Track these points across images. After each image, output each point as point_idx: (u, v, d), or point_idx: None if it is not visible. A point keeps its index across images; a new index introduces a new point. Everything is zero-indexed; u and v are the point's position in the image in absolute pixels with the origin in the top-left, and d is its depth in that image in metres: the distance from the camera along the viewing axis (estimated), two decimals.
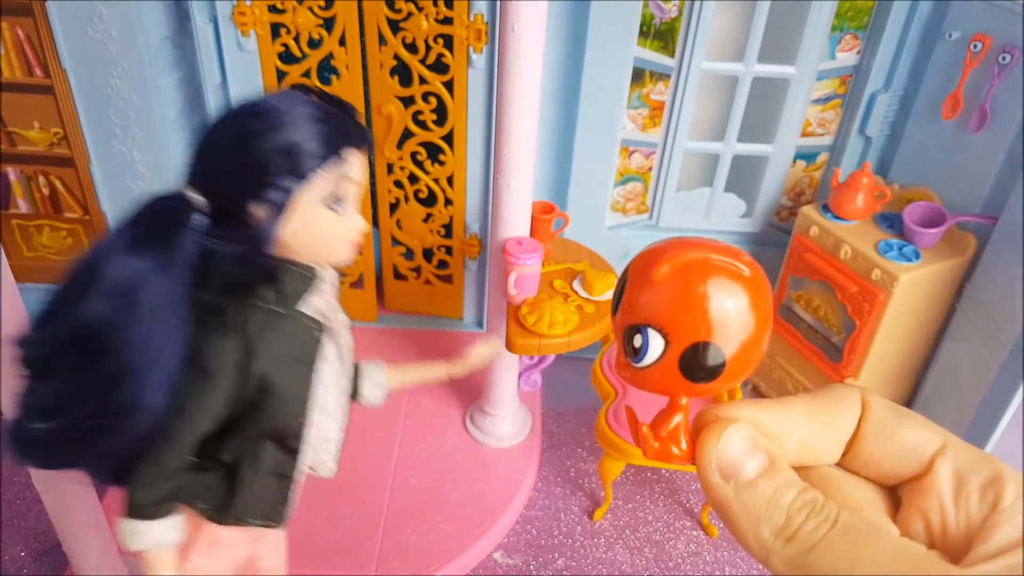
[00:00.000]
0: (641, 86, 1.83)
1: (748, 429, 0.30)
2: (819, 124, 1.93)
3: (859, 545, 0.26)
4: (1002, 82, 1.58)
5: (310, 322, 0.84)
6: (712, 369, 0.31)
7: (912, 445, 0.30)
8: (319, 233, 0.77)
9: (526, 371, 1.99)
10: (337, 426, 0.95)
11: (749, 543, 0.29)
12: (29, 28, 1.71)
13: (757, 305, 0.30)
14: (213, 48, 1.73)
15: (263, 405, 0.82)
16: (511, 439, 1.85)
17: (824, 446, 0.31)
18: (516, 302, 1.53)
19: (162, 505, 0.83)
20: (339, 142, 0.73)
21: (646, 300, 0.31)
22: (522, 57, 1.31)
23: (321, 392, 0.91)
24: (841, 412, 0.31)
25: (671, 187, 1.99)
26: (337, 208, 0.77)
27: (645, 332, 0.31)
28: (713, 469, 0.30)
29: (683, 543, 1.72)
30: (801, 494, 0.28)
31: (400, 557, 1.57)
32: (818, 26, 1.74)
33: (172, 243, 0.72)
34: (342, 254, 0.81)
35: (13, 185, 1.97)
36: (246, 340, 0.79)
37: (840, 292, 1.76)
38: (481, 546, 1.64)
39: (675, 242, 0.32)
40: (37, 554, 1.61)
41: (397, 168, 1.94)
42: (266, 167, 0.71)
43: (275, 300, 0.80)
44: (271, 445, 0.87)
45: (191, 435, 0.81)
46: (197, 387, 0.78)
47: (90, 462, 0.82)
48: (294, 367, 0.83)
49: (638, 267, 0.32)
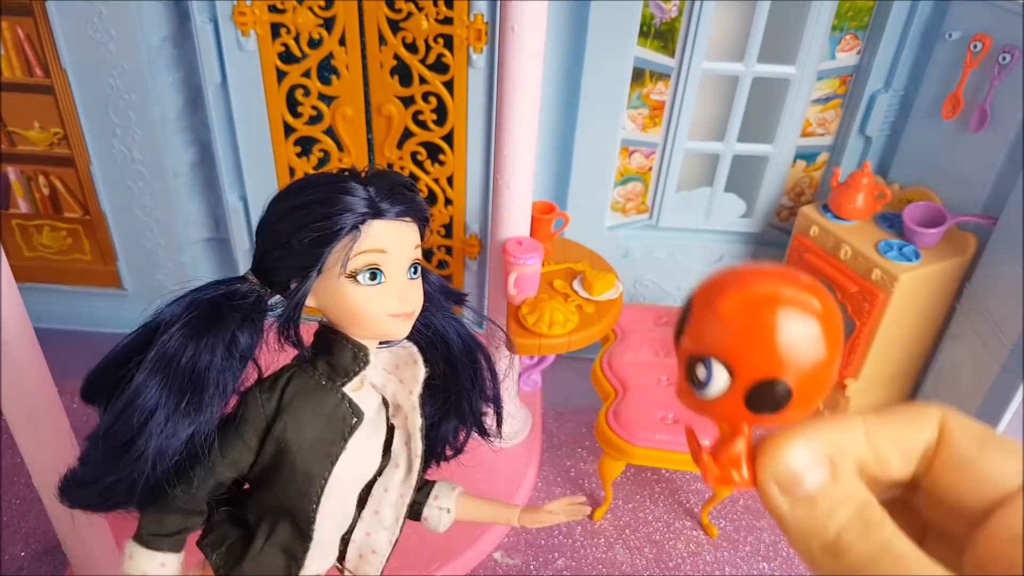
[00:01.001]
0: (641, 86, 1.83)
1: (816, 442, 0.29)
2: (819, 124, 1.93)
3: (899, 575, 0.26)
4: (1002, 82, 1.58)
5: (349, 405, 0.81)
6: (779, 403, 0.30)
7: (996, 476, 0.28)
8: (348, 307, 0.76)
9: (526, 371, 1.99)
10: (388, 539, 0.91)
11: (800, 553, 0.29)
12: (29, 28, 1.71)
13: (827, 338, 0.30)
14: (213, 48, 1.73)
15: (278, 473, 0.80)
16: (511, 439, 1.85)
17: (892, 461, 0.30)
18: (516, 302, 1.53)
19: (161, 538, 0.81)
20: (348, 220, 0.73)
21: (712, 332, 0.30)
22: (522, 57, 1.31)
23: (380, 495, 0.88)
24: (915, 428, 0.30)
25: (671, 187, 1.99)
26: (365, 281, 0.75)
27: (709, 364, 0.31)
28: (771, 482, 0.30)
29: (683, 543, 1.72)
30: (857, 512, 0.28)
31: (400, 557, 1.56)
32: (818, 26, 1.74)
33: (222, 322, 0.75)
34: (385, 327, 0.78)
35: (13, 185, 1.97)
36: (280, 400, 0.79)
37: (840, 292, 1.76)
38: (481, 546, 1.64)
39: (744, 272, 0.31)
40: (37, 554, 1.61)
41: (397, 168, 1.94)
42: (279, 250, 0.76)
43: (324, 373, 0.80)
44: (287, 519, 0.84)
45: (206, 478, 0.79)
46: (224, 433, 0.78)
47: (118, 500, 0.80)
48: (315, 444, 0.79)
49: (705, 296, 0.31)
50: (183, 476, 0.76)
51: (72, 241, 2.06)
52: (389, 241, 0.75)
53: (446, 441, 0.96)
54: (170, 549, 0.82)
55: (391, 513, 0.89)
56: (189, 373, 0.73)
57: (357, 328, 0.78)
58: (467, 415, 0.94)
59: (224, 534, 0.88)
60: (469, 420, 0.95)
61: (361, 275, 0.75)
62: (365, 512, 0.89)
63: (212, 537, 0.89)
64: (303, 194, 0.75)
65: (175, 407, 0.72)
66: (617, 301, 1.59)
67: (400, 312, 0.77)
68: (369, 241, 0.74)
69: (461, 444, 0.98)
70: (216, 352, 0.74)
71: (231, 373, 0.75)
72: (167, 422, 0.72)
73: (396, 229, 0.76)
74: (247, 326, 0.76)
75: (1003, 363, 1.55)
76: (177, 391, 0.72)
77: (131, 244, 2.04)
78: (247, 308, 0.76)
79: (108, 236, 2.03)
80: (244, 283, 0.77)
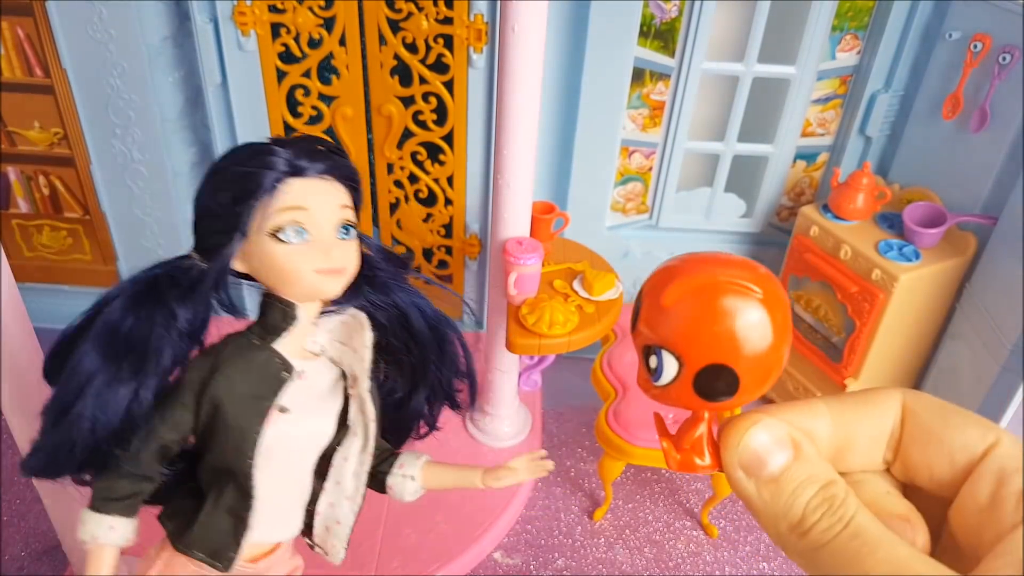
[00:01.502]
0: (641, 86, 1.83)
1: (777, 425, 0.30)
2: (819, 124, 1.93)
3: (863, 552, 0.26)
4: (1002, 82, 1.58)
5: (279, 360, 0.83)
6: (727, 389, 0.31)
7: (961, 445, 0.29)
8: (275, 266, 0.78)
9: (526, 371, 1.99)
10: (352, 509, 0.91)
11: (770, 535, 0.29)
12: (29, 28, 1.71)
13: (770, 321, 0.30)
14: (213, 48, 1.73)
15: (215, 433, 0.82)
16: (511, 439, 1.85)
17: (858, 447, 0.31)
18: (516, 302, 1.53)
19: (110, 501, 0.83)
20: (265, 177, 0.75)
21: (658, 322, 0.31)
22: (522, 57, 1.31)
23: (339, 464, 0.89)
24: (876, 411, 0.31)
25: (671, 187, 1.99)
26: (287, 239, 0.76)
27: (660, 353, 0.31)
28: (736, 466, 0.30)
29: (683, 543, 1.72)
30: (821, 491, 0.28)
31: (400, 557, 1.57)
32: (818, 26, 1.74)
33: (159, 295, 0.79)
34: (313, 285, 0.79)
35: (13, 185, 1.97)
36: (215, 362, 0.82)
37: (840, 292, 1.76)
38: (481, 546, 1.64)
39: (686, 261, 0.32)
40: (37, 554, 1.61)
41: (397, 168, 1.94)
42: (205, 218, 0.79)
43: (256, 333, 0.83)
44: (231, 482, 0.85)
45: (149, 440, 0.81)
46: (165, 397, 0.81)
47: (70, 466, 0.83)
48: (248, 400, 0.81)
49: (651, 287, 0.32)
50: (123, 440, 0.79)
51: (72, 241, 2.06)
52: (309, 198, 0.77)
53: (420, 415, 0.98)
54: (119, 513, 0.84)
55: (352, 483, 0.90)
56: (125, 340, 0.77)
57: (287, 287, 0.80)
58: (437, 389, 0.96)
59: (181, 505, 0.90)
60: (440, 393, 0.97)
61: (283, 233, 0.76)
62: (327, 483, 0.91)
63: (170, 509, 0.91)
64: (225, 161, 0.79)
65: (113, 374, 0.76)
66: (617, 301, 1.59)
67: (326, 267, 0.79)
68: (288, 198, 0.76)
69: (434, 418, 0.99)
70: (154, 322, 0.77)
71: (170, 346, 0.78)
72: (106, 387, 0.76)
73: (317, 186, 0.78)
74: (187, 300, 0.78)
75: (1003, 363, 1.55)
76: (113, 357, 0.76)
77: (131, 244, 2.04)
78: (187, 282, 0.79)
79: (108, 236, 2.03)
80: (185, 260, 0.80)
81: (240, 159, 0.78)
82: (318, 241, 0.78)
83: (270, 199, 0.76)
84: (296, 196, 0.77)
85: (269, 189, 0.75)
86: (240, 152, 0.79)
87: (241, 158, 0.78)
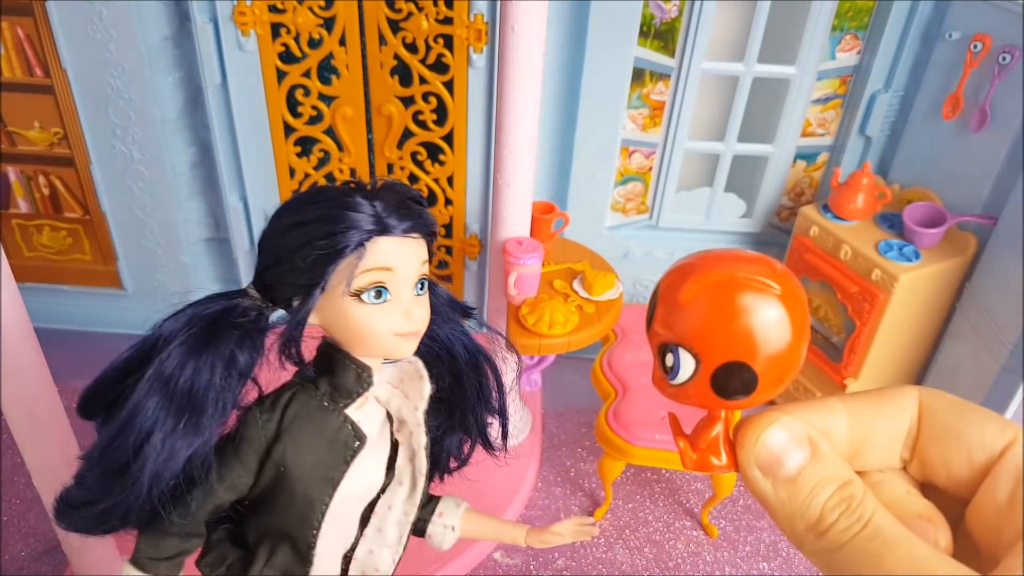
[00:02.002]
0: (641, 86, 1.83)
1: (794, 424, 0.30)
2: (819, 124, 1.93)
3: (882, 553, 0.26)
4: (1002, 82, 1.58)
5: (351, 428, 0.78)
6: (745, 386, 0.30)
7: (979, 442, 0.29)
8: (352, 326, 0.73)
9: (526, 371, 1.99)
10: (391, 558, 0.88)
11: (786, 534, 0.29)
12: (29, 28, 1.71)
13: (789, 319, 0.30)
14: (213, 48, 1.73)
15: (277, 496, 0.78)
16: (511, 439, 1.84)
17: (876, 446, 0.30)
18: (516, 302, 1.53)
19: (158, 562, 0.80)
20: (352, 238, 0.70)
21: (675, 320, 0.31)
22: (522, 57, 1.31)
23: (383, 513, 0.86)
24: (893, 409, 0.30)
25: (671, 187, 1.99)
26: (370, 300, 0.72)
27: (676, 351, 0.31)
28: (753, 465, 0.30)
29: (683, 543, 1.72)
30: (839, 490, 0.28)
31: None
32: (818, 26, 1.74)
33: (221, 339, 0.72)
34: (390, 347, 0.75)
35: (13, 185, 1.97)
36: (281, 422, 0.77)
37: (840, 292, 1.76)
38: (481, 546, 1.64)
39: (703, 258, 0.31)
40: (37, 554, 1.61)
41: (397, 168, 1.94)
42: (281, 266, 0.73)
43: (327, 394, 0.78)
44: (287, 542, 0.82)
45: (203, 500, 0.77)
46: (223, 454, 0.76)
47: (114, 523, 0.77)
48: (316, 468, 0.77)
49: (668, 284, 0.32)
50: (180, 500, 0.74)
51: (72, 241, 2.06)
52: (396, 259, 0.72)
53: (451, 454, 0.93)
54: (167, 572, 0.80)
55: (395, 531, 0.87)
56: (187, 393, 0.70)
57: (361, 347, 0.76)
58: (472, 427, 0.92)
59: (223, 554, 0.86)
60: (474, 432, 0.93)
61: (366, 294, 0.72)
62: (368, 530, 0.87)
63: (211, 557, 0.87)
64: (307, 209, 0.72)
65: (172, 428, 0.70)
66: (617, 301, 1.59)
67: (406, 331, 0.74)
68: (375, 259, 0.71)
69: (466, 456, 0.95)
70: (215, 371, 0.71)
71: (230, 392, 0.73)
72: (163, 444, 0.69)
73: (403, 246, 0.73)
74: (247, 343, 0.73)
75: (1003, 363, 1.55)
76: (175, 412, 0.70)
77: (131, 244, 2.04)
78: (247, 324, 0.73)
79: (108, 236, 2.03)
80: (245, 298, 0.75)
81: (324, 210, 0.71)
82: (398, 301, 0.74)
83: (356, 258, 0.71)
84: (383, 257, 0.71)
85: (356, 248, 0.70)
86: (323, 202, 0.72)
87: (325, 210, 0.71)
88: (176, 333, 0.71)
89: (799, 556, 1.70)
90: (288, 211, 0.74)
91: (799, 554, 1.69)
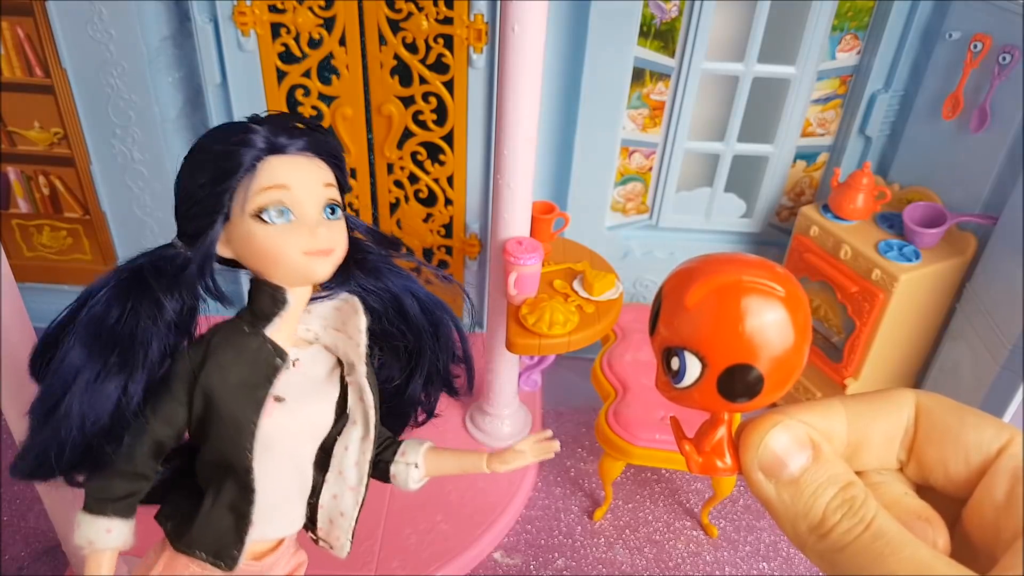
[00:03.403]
0: (641, 86, 1.83)
1: (796, 426, 0.30)
2: (819, 124, 1.93)
3: (885, 554, 0.26)
4: (1002, 82, 1.58)
5: (271, 347, 0.80)
6: (750, 389, 0.31)
7: (976, 443, 0.29)
8: (260, 248, 0.75)
9: (526, 371, 1.99)
10: (355, 499, 0.89)
11: (788, 535, 0.29)
12: (29, 28, 1.71)
13: (792, 321, 0.30)
14: (213, 48, 1.73)
15: (210, 425, 0.80)
16: (511, 439, 1.84)
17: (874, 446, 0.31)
18: (516, 302, 1.53)
19: (105, 502, 0.81)
20: (244, 156, 0.73)
21: (681, 323, 0.31)
22: (522, 57, 1.31)
23: (340, 454, 0.87)
24: (887, 412, 0.31)
25: (671, 187, 1.99)
26: (270, 220, 0.74)
27: (682, 355, 0.31)
28: (755, 468, 0.30)
29: (683, 543, 1.72)
30: (841, 492, 0.29)
31: (400, 557, 1.57)
32: (818, 26, 1.74)
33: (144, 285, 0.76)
34: (301, 267, 0.76)
35: (13, 185, 1.97)
36: (204, 351, 0.79)
37: (840, 292, 1.76)
38: (481, 546, 1.64)
39: (708, 262, 0.31)
40: (37, 554, 1.61)
41: (397, 168, 1.94)
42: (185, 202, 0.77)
43: (247, 320, 0.80)
44: (230, 478, 0.83)
45: (143, 438, 0.79)
46: (156, 391, 0.78)
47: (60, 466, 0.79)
48: (242, 390, 0.78)
49: (672, 288, 0.32)
50: (114, 437, 0.76)
51: (72, 241, 2.06)
52: (290, 176, 0.74)
53: (417, 402, 0.96)
54: (116, 514, 0.82)
55: (354, 473, 0.88)
56: (111, 334, 0.73)
57: (274, 270, 0.77)
58: (434, 374, 0.94)
59: (178, 504, 0.88)
60: (437, 379, 0.95)
61: (266, 213, 0.74)
62: (329, 474, 0.89)
63: (167, 509, 0.89)
64: (204, 144, 0.76)
65: (100, 368, 0.73)
66: (617, 301, 1.59)
67: (314, 248, 0.75)
68: (268, 176, 0.73)
69: (432, 405, 0.97)
70: (140, 314, 0.74)
71: (157, 337, 0.75)
72: (93, 383, 0.73)
73: (298, 164, 0.75)
74: (174, 291, 0.76)
75: (1003, 363, 1.55)
76: (100, 352, 0.73)
77: (131, 244, 2.04)
78: (172, 270, 0.76)
79: (108, 236, 2.03)
80: (171, 248, 0.78)
81: (217, 138, 0.75)
82: (303, 222, 0.75)
83: (250, 179, 0.73)
84: (277, 174, 0.74)
85: (249, 168, 0.73)
86: (217, 132, 0.76)
87: (218, 137, 0.75)
88: (104, 283, 0.75)
89: (799, 556, 1.70)
90: (190, 152, 0.77)
91: (799, 554, 1.69)
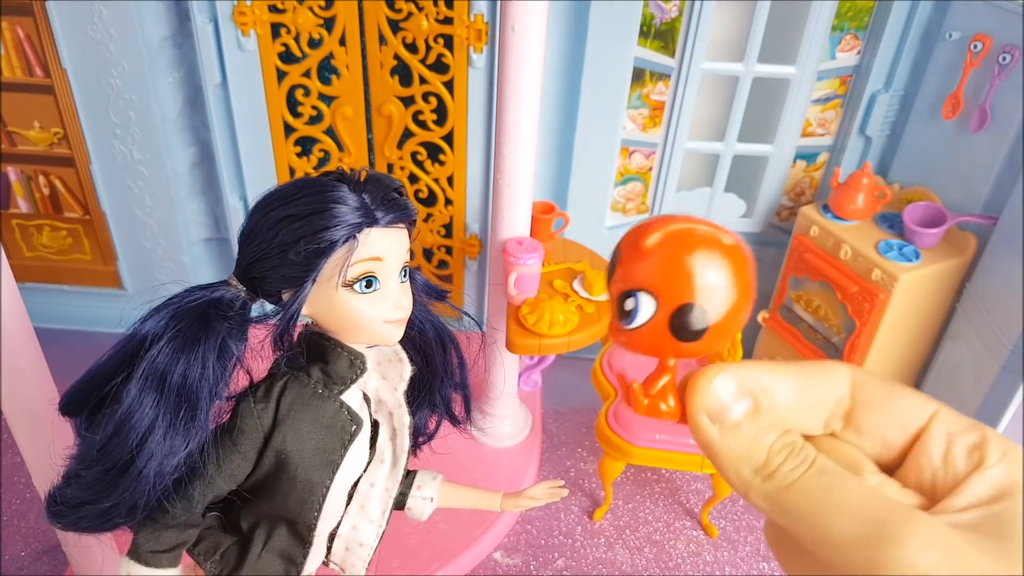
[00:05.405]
0: (641, 86, 1.83)
1: (738, 375, 0.32)
2: (819, 124, 1.93)
3: (831, 486, 0.28)
4: (1002, 82, 1.58)
5: (348, 413, 0.81)
6: (698, 330, 0.33)
7: (909, 410, 0.32)
8: (344, 316, 0.76)
9: (526, 371, 1.99)
10: (375, 532, 0.90)
11: (731, 480, 0.31)
12: (29, 28, 1.71)
13: (739, 273, 0.33)
14: (213, 48, 1.73)
15: (277, 483, 0.80)
16: (511, 439, 1.85)
17: (803, 410, 0.33)
18: (516, 302, 1.53)
19: (159, 554, 0.81)
20: (343, 230, 0.72)
21: (638, 266, 0.34)
22: (522, 57, 1.31)
23: (366, 490, 0.88)
24: (824, 380, 0.33)
25: (671, 187, 1.99)
26: (361, 290, 0.75)
27: (636, 296, 0.34)
28: (701, 412, 0.32)
29: (683, 543, 1.72)
30: (782, 437, 0.31)
31: (400, 557, 1.57)
32: (818, 26, 1.74)
33: (210, 332, 0.73)
34: (380, 334, 0.78)
35: (13, 185, 1.97)
36: (277, 411, 0.79)
37: (840, 292, 1.76)
38: (481, 546, 1.64)
39: (662, 217, 0.35)
40: (37, 554, 1.61)
41: (397, 168, 1.94)
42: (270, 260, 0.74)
43: (321, 381, 0.80)
44: (284, 525, 0.84)
45: (204, 492, 0.78)
46: (221, 445, 0.78)
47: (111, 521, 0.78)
48: (316, 454, 0.79)
49: (630, 239, 0.35)
50: (183, 493, 0.75)
51: (72, 241, 2.06)
52: (384, 249, 0.75)
53: (418, 431, 0.97)
54: (168, 565, 0.82)
55: (377, 507, 0.89)
56: (181, 388, 0.71)
57: (352, 335, 0.78)
58: (438, 403, 0.95)
59: (217, 541, 0.88)
60: (440, 408, 0.96)
61: (357, 284, 0.74)
62: (351, 507, 0.89)
63: (204, 545, 0.88)
64: (295, 204, 0.73)
65: (171, 424, 0.71)
66: None
67: (395, 318, 0.77)
68: (366, 250, 0.74)
69: (433, 432, 0.99)
70: (208, 364, 0.72)
71: (223, 383, 0.74)
72: (164, 440, 0.71)
73: (390, 236, 0.76)
74: (235, 334, 0.74)
75: (1003, 363, 1.55)
76: (171, 407, 0.71)
77: (131, 244, 2.04)
78: (233, 316, 0.75)
79: (108, 236, 2.03)
80: (227, 289, 0.76)
81: (313, 205, 0.72)
82: (387, 290, 0.77)
83: (348, 252, 0.73)
84: (373, 248, 0.74)
85: (347, 241, 0.72)
86: (311, 195, 0.73)
87: (314, 204, 0.72)
88: (164, 329, 0.72)
89: None
90: (274, 205, 0.74)
91: None
